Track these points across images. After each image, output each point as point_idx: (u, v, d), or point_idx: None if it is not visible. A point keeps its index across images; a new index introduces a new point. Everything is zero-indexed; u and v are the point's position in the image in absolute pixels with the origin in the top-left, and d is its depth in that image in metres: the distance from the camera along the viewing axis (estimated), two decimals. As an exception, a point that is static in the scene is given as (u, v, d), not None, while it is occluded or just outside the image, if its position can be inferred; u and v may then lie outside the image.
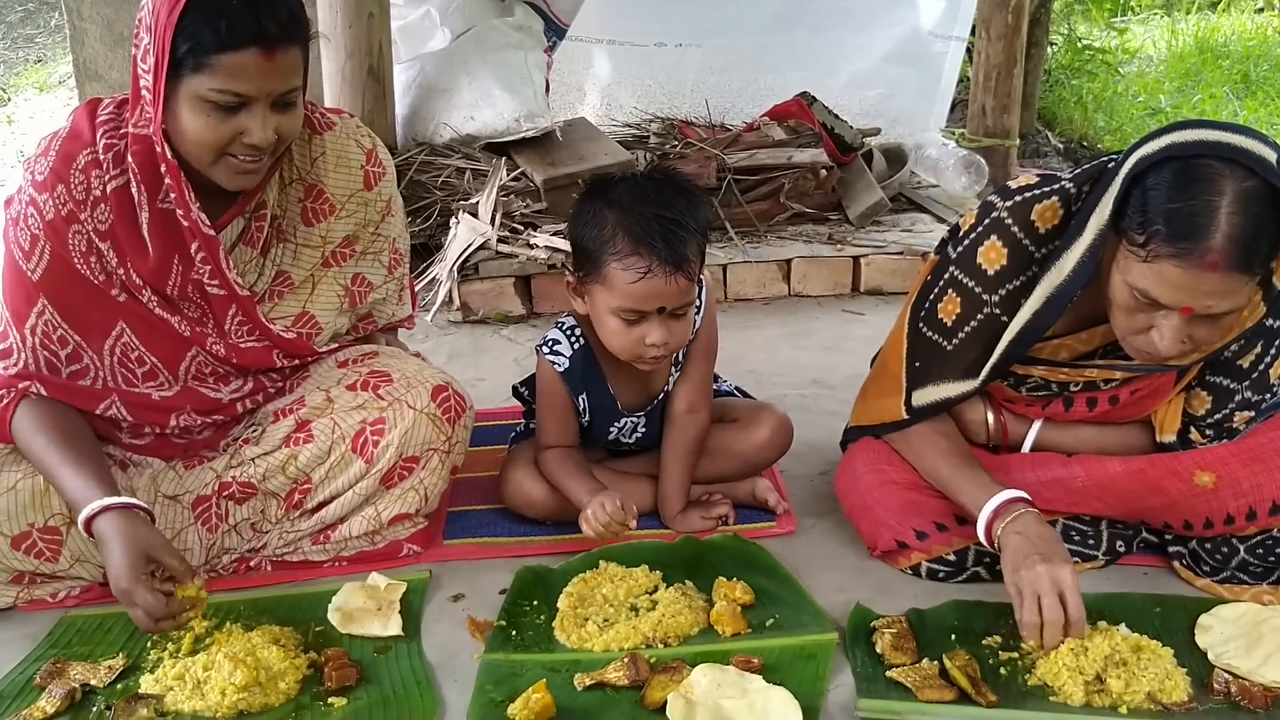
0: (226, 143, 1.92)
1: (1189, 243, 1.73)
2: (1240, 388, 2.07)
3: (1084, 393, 2.17)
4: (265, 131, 1.91)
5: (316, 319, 2.23)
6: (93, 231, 2.02)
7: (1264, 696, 1.80)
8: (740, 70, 5.14)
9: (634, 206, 2.10)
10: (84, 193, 2.00)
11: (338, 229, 2.21)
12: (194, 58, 1.85)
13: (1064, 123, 6.53)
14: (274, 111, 1.93)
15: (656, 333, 2.13)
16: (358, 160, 2.22)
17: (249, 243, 2.14)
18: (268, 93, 1.89)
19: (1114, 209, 1.85)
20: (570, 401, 2.31)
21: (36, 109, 7.15)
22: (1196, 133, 1.79)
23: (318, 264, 2.22)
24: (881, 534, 2.21)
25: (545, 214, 3.90)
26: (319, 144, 2.18)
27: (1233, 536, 2.10)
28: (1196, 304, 1.78)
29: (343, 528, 2.23)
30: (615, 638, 1.97)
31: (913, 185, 4.67)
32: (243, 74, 1.86)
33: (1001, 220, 2.07)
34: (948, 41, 5.18)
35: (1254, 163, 1.73)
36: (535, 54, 4.35)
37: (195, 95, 1.88)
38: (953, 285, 2.13)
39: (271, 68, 1.87)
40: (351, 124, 2.26)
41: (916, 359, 2.21)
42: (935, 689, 1.81)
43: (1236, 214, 1.72)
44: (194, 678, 1.84)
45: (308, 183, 2.18)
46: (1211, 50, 7.96)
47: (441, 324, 3.69)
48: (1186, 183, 1.75)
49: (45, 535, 2.05)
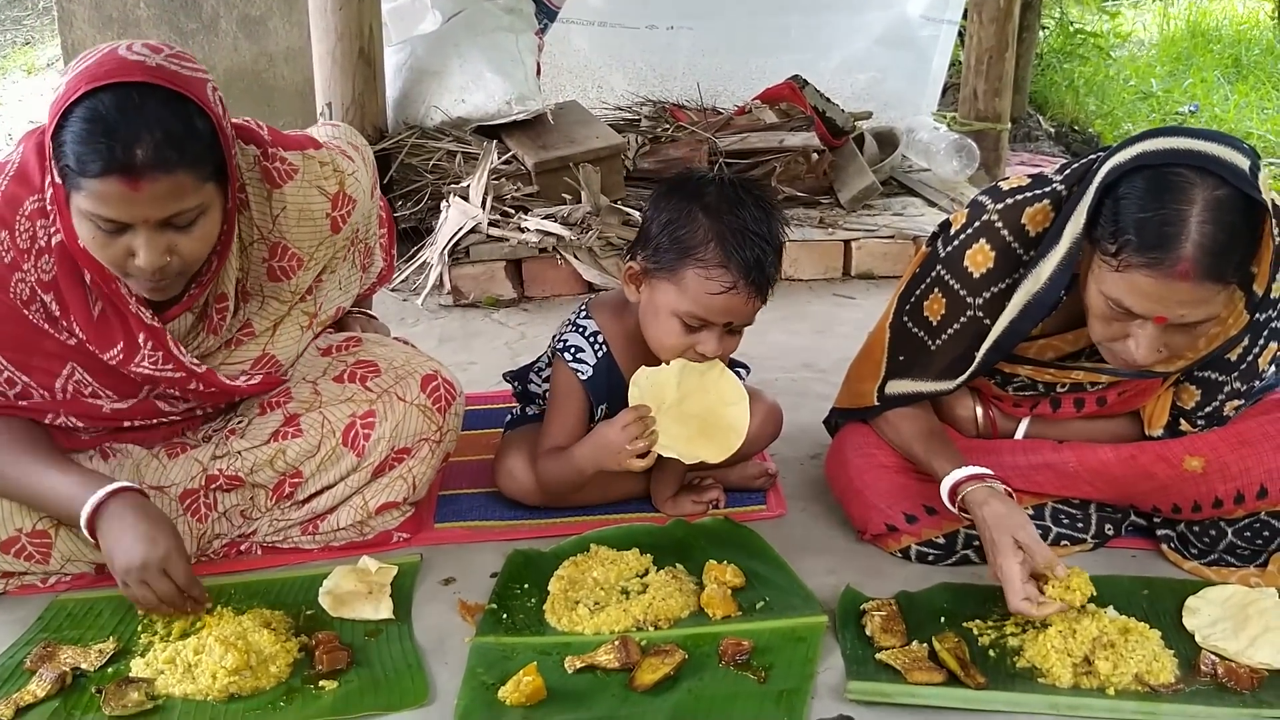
0: (122, 261, 1.78)
1: (1159, 252, 1.71)
2: (1230, 379, 2.07)
3: (1071, 394, 2.17)
4: (151, 255, 1.75)
5: (277, 358, 2.14)
6: (35, 282, 1.89)
7: (1250, 678, 1.81)
8: (732, 53, 5.12)
9: (728, 215, 2.05)
10: (29, 241, 1.87)
11: (308, 278, 2.12)
12: (69, 175, 1.72)
13: (1055, 107, 6.53)
14: (167, 232, 1.77)
15: (712, 344, 2.10)
16: (322, 209, 2.07)
17: (211, 330, 2.04)
18: (144, 219, 1.73)
19: (1087, 218, 1.84)
20: (587, 408, 2.28)
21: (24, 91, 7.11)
22: (1168, 141, 1.77)
23: (284, 312, 2.14)
24: (871, 517, 2.22)
25: (536, 197, 3.89)
26: (279, 199, 2.02)
27: (1221, 519, 2.11)
28: (1169, 313, 1.76)
29: (331, 518, 2.22)
30: (606, 621, 1.98)
31: (904, 169, 4.67)
32: (109, 201, 1.70)
33: (991, 224, 2.05)
34: (939, 25, 5.17)
35: (1226, 171, 1.71)
36: (526, 37, 4.33)
37: (79, 210, 1.75)
38: (938, 285, 2.13)
39: (140, 197, 1.70)
40: (315, 165, 2.07)
41: (900, 352, 2.21)
42: (924, 671, 1.82)
43: (1207, 223, 1.70)
44: (185, 661, 1.84)
45: (270, 241, 2.04)
46: (1203, 34, 7.97)
47: (432, 308, 3.68)
48: (1157, 192, 1.73)
49: (34, 539, 2.04)
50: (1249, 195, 1.71)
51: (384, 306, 3.28)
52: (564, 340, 2.27)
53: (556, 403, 2.29)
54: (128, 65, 1.72)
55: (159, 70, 1.74)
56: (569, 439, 2.26)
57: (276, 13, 4.78)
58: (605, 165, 3.94)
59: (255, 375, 2.12)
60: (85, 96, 1.70)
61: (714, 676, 1.84)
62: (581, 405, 2.27)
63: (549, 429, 2.30)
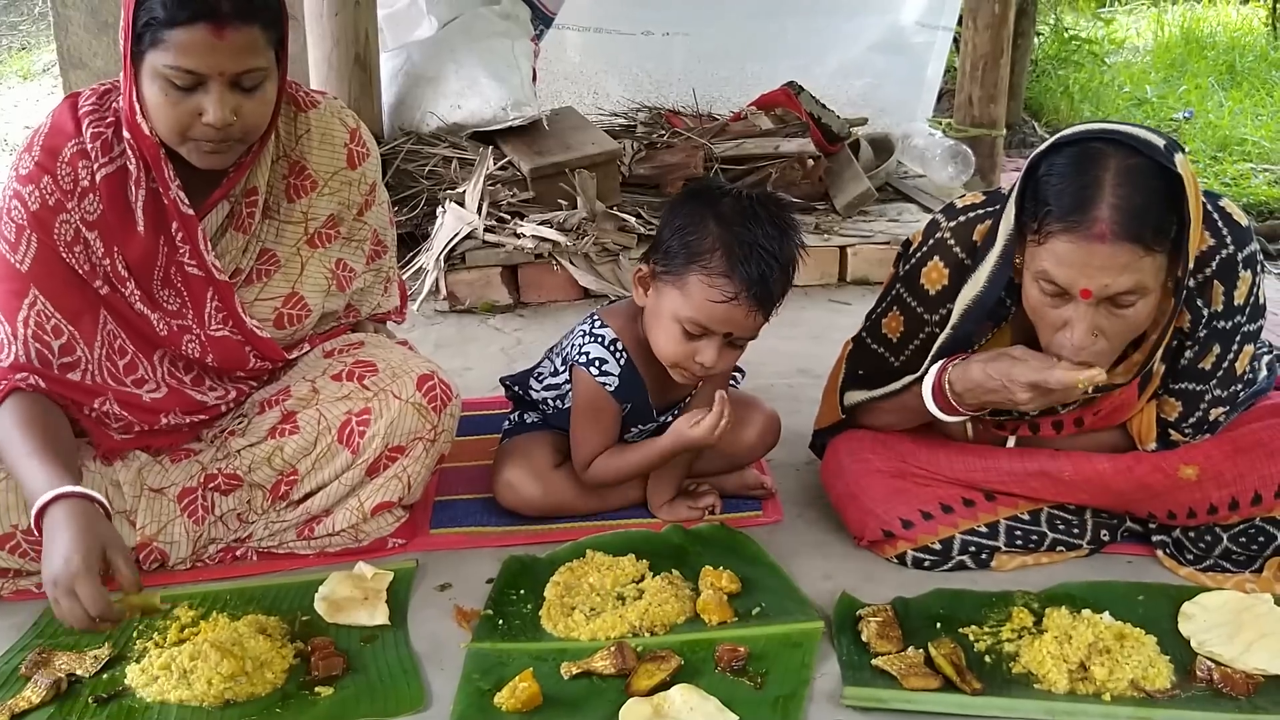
0: (187, 122, 1.89)
1: (1077, 215, 1.78)
2: (1209, 387, 2.08)
3: (1046, 417, 2.17)
4: (221, 111, 1.87)
5: (305, 300, 2.21)
6: (80, 221, 2.00)
7: (1246, 683, 1.81)
8: (727, 59, 5.12)
9: (739, 226, 2.06)
10: (71, 183, 1.99)
11: (320, 206, 2.20)
12: (150, 32, 1.83)
13: (1050, 113, 6.54)
14: (235, 93, 1.89)
15: (711, 354, 2.10)
16: (341, 138, 2.21)
17: (239, 228, 2.12)
18: (220, 71, 1.85)
19: (1015, 206, 1.90)
20: (618, 418, 2.28)
21: (20, 97, 7.10)
22: (1086, 126, 1.87)
23: (302, 242, 2.20)
24: (868, 523, 2.22)
25: (532, 203, 3.89)
26: (304, 121, 2.17)
27: (1216, 525, 2.11)
28: (1093, 282, 1.80)
29: (326, 521, 2.22)
30: (602, 626, 1.98)
31: (899, 175, 4.67)
32: (192, 51, 1.82)
33: (944, 241, 2.10)
34: (935, 31, 5.19)
35: (1138, 143, 1.80)
36: (522, 42, 4.34)
37: (154, 71, 1.86)
38: (897, 303, 2.17)
39: (222, 45, 1.83)
40: (336, 104, 2.25)
41: (860, 367, 2.26)
42: (920, 677, 1.82)
43: (1121, 185, 1.77)
44: (180, 667, 1.84)
45: (291, 159, 2.16)
46: (1197, 41, 7.99)
47: (428, 313, 3.68)
48: (1074, 164, 1.82)
49: (29, 536, 2.03)
50: (1163, 165, 1.78)
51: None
52: (585, 353, 2.24)
53: (586, 419, 2.27)
54: None
55: None
56: (601, 447, 2.28)
57: (273, 18, 4.77)
58: (601, 171, 3.94)
59: (271, 321, 2.17)
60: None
61: (710, 682, 1.83)
62: (614, 416, 2.27)
63: (585, 445, 2.28)
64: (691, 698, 1.77)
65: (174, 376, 2.16)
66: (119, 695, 1.84)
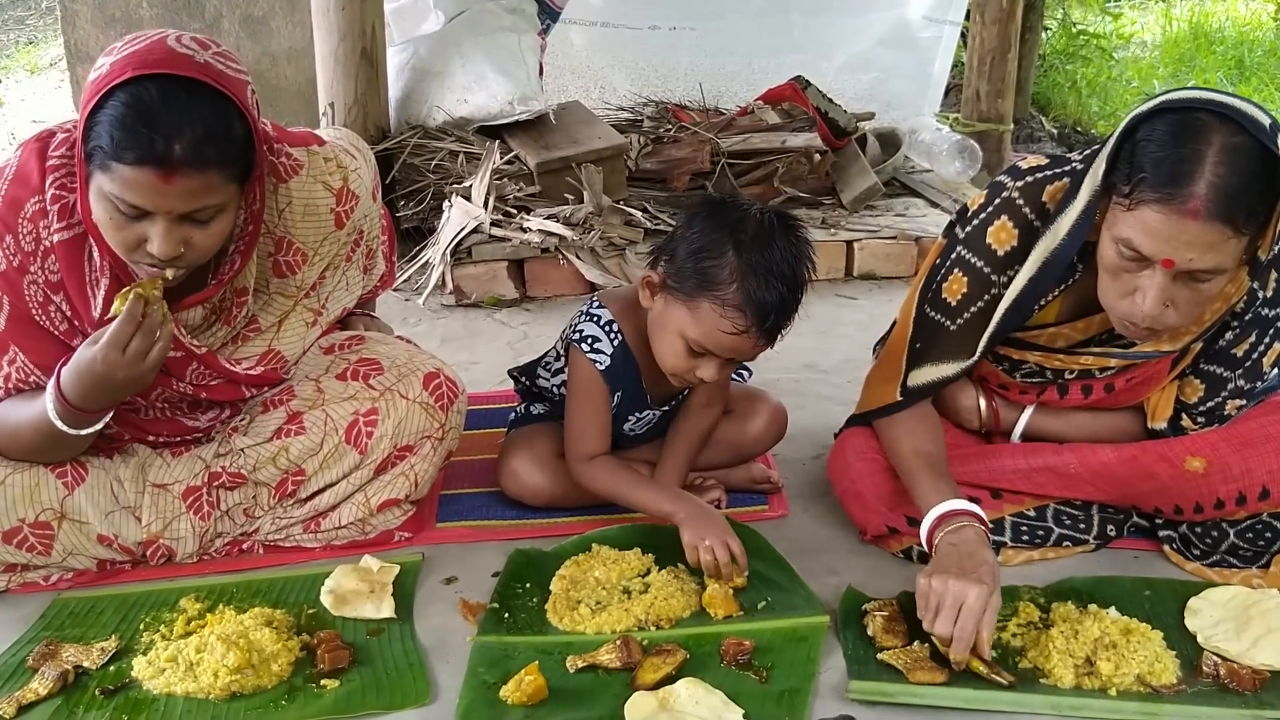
0: (134, 244, 1.79)
1: (1173, 188, 1.73)
2: (1234, 376, 2.07)
3: (1079, 380, 2.16)
4: (167, 245, 1.76)
5: (282, 354, 2.16)
6: (45, 284, 1.91)
7: (1252, 679, 1.81)
8: (734, 53, 5.12)
9: (759, 256, 2.02)
10: (33, 243, 1.89)
11: (312, 274, 2.15)
12: (98, 155, 1.73)
13: (1058, 108, 6.53)
14: (185, 225, 1.78)
15: (711, 371, 2.10)
16: (326, 205, 2.10)
17: (225, 321, 2.06)
18: (168, 210, 1.74)
19: (1107, 165, 1.85)
20: (609, 401, 2.27)
21: (27, 91, 7.11)
22: (1193, 92, 1.80)
23: (289, 308, 2.15)
24: (872, 519, 2.22)
25: (538, 197, 3.89)
26: (285, 194, 2.04)
27: (1223, 521, 2.11)
28: (1178, 255, 1.76)
29: (333, 515, 2.22)
30: (607, 620, 1.98)
31: (906, 170, 4.67)
32: (137, 189, 1.71)
33: (1013, 200, 2.05)
34: (942, 26, 5.18)
35: (1246, 120, 1.73)
36: (529, 37, 4.34)
37: (99, 191, 1.76)
38: (959, 265, 2.11)
39: (171, 190, 1.71)
40: (320, 160, 2.10)
41: (918, 340, 2.19)
42: (926, 671, 1.82)
43: (1222, 165, 1.71)
44: (186, 660, 1.84)
45: (276, 235, 2.06)
46: (1206, 35, 7.96)
47: (434, 307, 3.68)
48: (1176, 133, 1.75)
49: (36, 530, 2.04)
50: (1266, 146, 1.73)
51: (386, 306, 3.28)
52: (580, 330, 2.25)
53: (579, 398, 2.26)
54: (177, 58, 1.73)
55: (206, 67, 1.75)
56: (599, 437, 2.25)
57: (279, 12, 4.79)
58: (607, 165, 3.94)
59: (259, 367, 2.13)
60: (130, 82, 1.71)
61: (715, 676, 1.83)
62: (604, 398, 2.25)
63: (577, 429, 2.26)
64: (697, 691, 1.77)
65: (167, 405, 2.12)
66: (125, 687, 1.84)
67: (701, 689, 1.77)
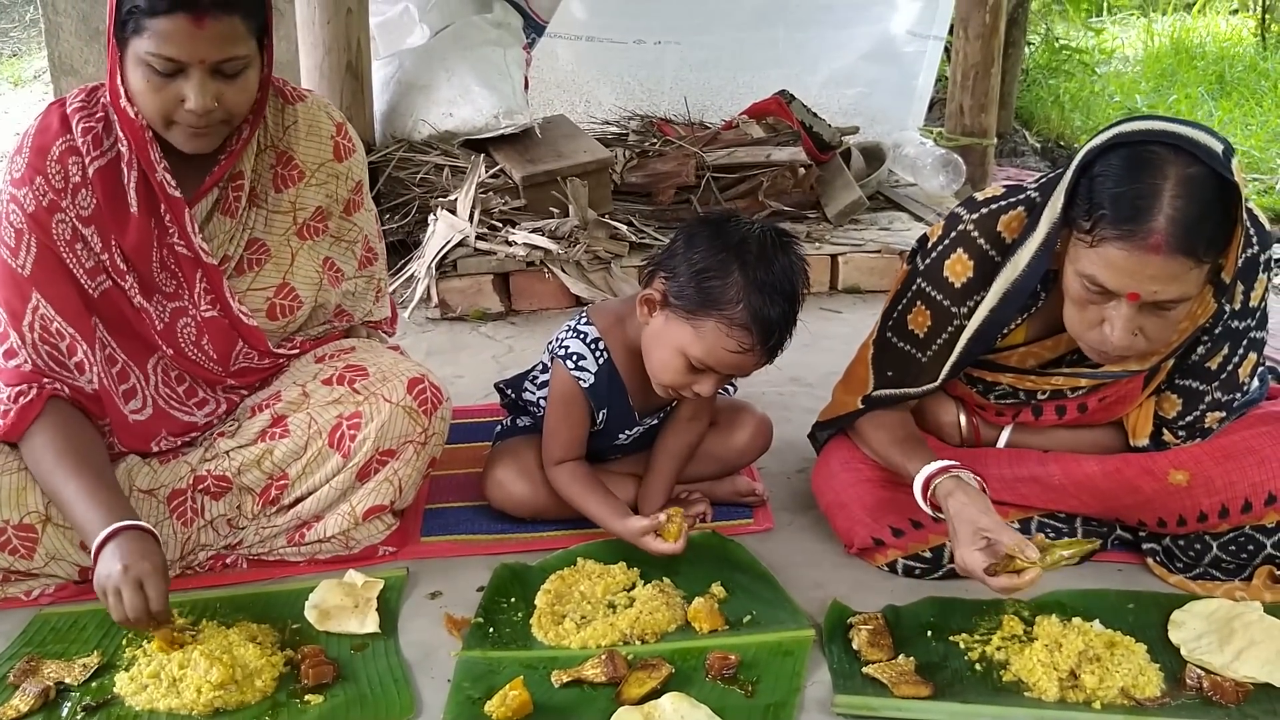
0: (171, 107, 1.92)
1: (1133, 224, 1.74)
2: (1210, 389, 2.09)
3: (1052, 401, 2.18)
4: (201, 98, 1.90)
5: (297, 291, 2.22)
6: (75, 219, 2.02)
7: (1236, 692, 1.81)
8: (719, 68, 5.15)
9: (762, 274, 2.02)
10: (63, 181, 2.01)
11: (307, 196, 2.21)
12: (133, 19, 1.86)
13: (1041, 122, 6.58)
14: (216, 80, 1.91)
15: (709, 388, 2.10)
16: (328, 131, 2.24)
17: (226, 211, 2.14)
18: (201, 59, 1.88)
19: (1065, 200, 1.86)
20: (588, 416, 2.27)
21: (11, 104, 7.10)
22: (1144, 123, 1.82)
23: (291, 232, 2.21)
24: (857, 531, 2.22)
25: (524, 211, 3.90)
26: (290, 113, 2.20)
27: (1206, 533, 2.11)
28: (1142, 289, 1.78)
29: (318, 526, 2.22)
30: (593, 635, 1.97)
31: (891, 184, 4.69)
32: (172, 39, 1.85)
33: (967, 233, 2.08)
34: (926, 40, 5.21)
35: (1199, 150, 1.75)
36: (514, 51, 4.35)
37: (136, 57, 1.89)
38: (921, 298, 2.14)
39: (201, 34, 1.86)
40: (322, 100, 2.28)
41: (888, 368, 2.21)
42: (911, 685, 1.82)
43: (1180, 197, 1.73)
44: (169, 675, 1.83)
45: (279, 149, 2.19)
46: (1187, 51, 8.03)
47: (420, 321, 3.68)
48: (1132, 168, 1.77)
49: (20, 533, 2.04)
50: (1221, 175, 1.75)
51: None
52: (565, 346, 2.25)
53: (556, 411, 2.27)
54: None
55: None
56: (571, 446, 2.27)
57: (264, 26, 4.77)
58: (593, 179, 3.95)
59: (263, 309, 2.18)
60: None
61: (701, 691, 1.83)
62: (583, 413, 2.26)
63: (549, 435, 2.28)
64: (682, 706, 1.76)
65: (166, 386, 2.16)
66: (108, 704, 1.83)
67: (687, 703, 1.77)
